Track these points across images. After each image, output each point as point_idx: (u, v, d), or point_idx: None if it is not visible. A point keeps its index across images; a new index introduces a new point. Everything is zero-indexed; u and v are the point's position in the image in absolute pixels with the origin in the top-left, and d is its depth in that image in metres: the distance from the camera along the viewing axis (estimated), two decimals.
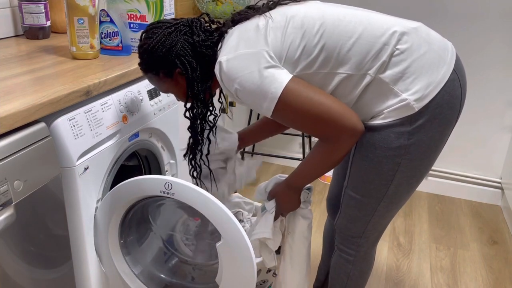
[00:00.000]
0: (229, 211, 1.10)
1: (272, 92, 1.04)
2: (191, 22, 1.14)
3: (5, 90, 1.04)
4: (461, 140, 2.56)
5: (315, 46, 1.06)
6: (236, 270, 1.15)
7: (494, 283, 1.96)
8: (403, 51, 1.06)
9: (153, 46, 1.10)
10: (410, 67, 1.06)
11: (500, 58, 2.37)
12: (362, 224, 1.23)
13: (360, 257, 1.31)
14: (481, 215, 2.50)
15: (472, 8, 2.33)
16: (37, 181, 1.01)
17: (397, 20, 1.13)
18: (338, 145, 1.09)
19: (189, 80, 1.12)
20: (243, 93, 1.06)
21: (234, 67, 1.05)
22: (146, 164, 1.52)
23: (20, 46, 1.49)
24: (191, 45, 1.11)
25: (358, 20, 1.09)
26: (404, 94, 1.06)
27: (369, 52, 1.06)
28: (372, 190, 1.16)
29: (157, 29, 1.12)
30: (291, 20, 1.08)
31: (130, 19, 1.48)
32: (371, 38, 1.06)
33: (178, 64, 1.11)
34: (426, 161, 1.14)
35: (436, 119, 1.08)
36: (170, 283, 1.42)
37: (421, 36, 1.09)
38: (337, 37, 1.06)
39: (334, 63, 1.07)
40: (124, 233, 1.30)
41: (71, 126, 1.09)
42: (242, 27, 1.10)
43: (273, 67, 1.04)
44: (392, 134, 1.09)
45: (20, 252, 1.01)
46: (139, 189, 1.17)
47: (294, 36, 1.06)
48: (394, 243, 2.20)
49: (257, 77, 1.03)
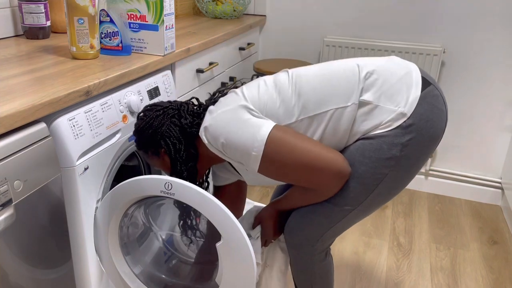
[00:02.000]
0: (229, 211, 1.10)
1: (257, 146, 1.07)
2: (179, 106, 1.22)
3: (5, 90, 1.04)
4: (461, 140, 2.56)
5: (291, 95, 1.12)
6: (236, 270, 1.15)
7: (494, 283, 1.96)
8: (373, 72, 1.13)
9: (142, 127, 1.20)
10: (386, 82, 1.11)
11: (500, 58, 2.37)
12: (322, 229, 1.20)
13: (317, 261, 1.27)
14: (481, 215, 2.50)
15: (472, 8, 2.33)
16: (37, 181, 1.01)
17: (366, 60, 1.20)
18: (328, 191, 1.12)
19: (172, 160, 1.20)
20: (230, 148, 1.10)
21: (216, 125, 1.11)
22: (146, 164, 1.52)
23: (20, 46, 1.49)
24: (178, 127, 1.19)
25: (324, 66, 1.18)
26: (390, 106, 1.09)
27: (346, 85, 1.11)
28: (350, 199, 1.13)
29: (149, 112, 1.21)
30: (264, 81, 1.17)
31: (130, 19, 1.48)
32: (342, 73, 1.13)
33: (163, 144, 1.19)
34: (411, 174, 1.15)
35: (428, 133, 1.11)
36: (170, 283, 1.42)
37: (386, 66, 1.16)
38: (310, 82, 1.13)
39: (314, 105, 1.11)
40: (124, 233, 1.30)
41: (71, 126, 1.09)
42: (223, 99, 1.18)
43: (253, 118, 1.10)
44: (384, 145, 1.09)
45: (20, 252, 1.01)
46: (139, 189, 1.17)
47: (270, 92, 1.14)
48: (394, 243, 2.20)
49: (239, 132, 1.09)
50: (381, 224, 2.36)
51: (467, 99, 2.46)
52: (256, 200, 2.50)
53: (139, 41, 1.50)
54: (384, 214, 2.45)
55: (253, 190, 2.61)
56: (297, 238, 1.24)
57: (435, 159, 2.66)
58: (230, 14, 2.50)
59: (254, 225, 1.33)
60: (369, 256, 2.09)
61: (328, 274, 1.33)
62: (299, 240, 1.24)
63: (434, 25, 2.40)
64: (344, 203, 1.14)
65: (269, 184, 1.25)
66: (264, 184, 1.46)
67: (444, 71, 2.46)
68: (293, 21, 2.63)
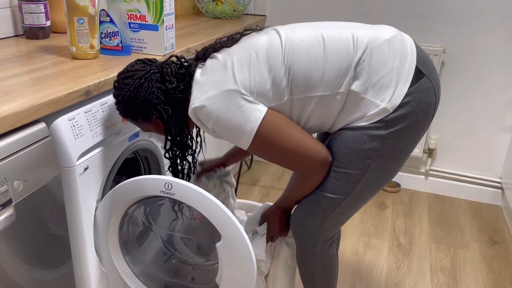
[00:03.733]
0: (229, 211, 1.10)
1: (248, 131, 1.08)
2: (161, 68, 1.16)
3: (5, 90, 1.04)
4: (461, 140, 2.56)
5: (283, 76, 1.10)
6: (236, 270, 1.15)
7: (494, 283, 1.96)
8: (365, 58, 1.10)
9: (127, 98, 1.14)
10: (376, 72, 1.10)
11: (500, 58, 2.37)
12: (319, 219, 1.23)
13: (319, 252, 1.31)
14: (481, 215, 2.50)
15: (472, 8, 2.33)
16: (37, 181, 1.01)
17: (364, 31, 1.15)
18: (312, 177, 1.18)
19: (166, 126, 1.17)
20: (220, 131, 1.11)
21: (208, 109, 1.09)
22: (146, 164, 1.52)
23: (20, 46, 1.49)
24: (164, 92, 1.14)
25: (319, 34, 1.12)
26: (376, 100, 1.10)
27: (337, 71, 1.09)
28: (338, 188, 1.17)
29: (128, 80, 1.13)
30: (256, 54, 1.11)
31: (130, 19, 1.48)
32: (336, 57, 1.10)
33: (154, 112, 1.15)
34: (396, 164, 1.17)
35: (412, 126, 1.12)
36: (170, 283, 1.42)
37: (390, 49, 1.12)
38: (303, 63, 1.10)
39: (305, 88, 1.10)
40: (124, 233, 1.30)
41: (71, 126, 1.09)
42: (209, 68, 1.13)
43: (246, 104, 1.08)
44: (366, 136, 1.12)
45: (20, 252, 1.01)
46: (139, 189, 1.17)
47: (262, 71, 1.10)
48: (394, 243, 2.20)
49: (232, 116, 1.08)
50: (381, 224, 2.36)
51: (467, 99, 2.46)
52: (256, 200, 2.50)
53: (139, 41, 1.50)
54: (384, 214, 2.45)
55: (253, 190, 2.61)
56: (299, 229, 1.28)
57: (435, 159, 2.66)
58: (230, 14, 2.49)
59: (260, 222, 1.36)
60: (369, 256, 2.09)
61: (331, 267, 1.36)
62: (301, 231, 1.28)
63: (434, 25, 2.40)
64: (333, 192, 1.18)
65: None
66: None
67: (444, 71, 2.45)
68: (293, 21, 2.63)
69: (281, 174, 2.83)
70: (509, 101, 2.42)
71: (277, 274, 1.39)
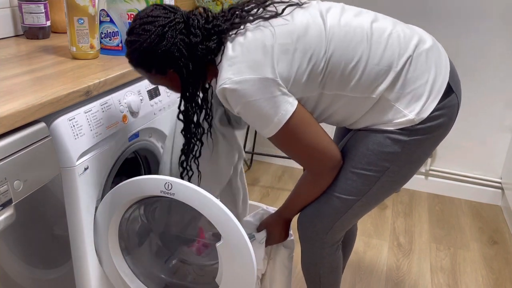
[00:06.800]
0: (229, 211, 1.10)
1: (275, 122, 1.05)
2: (187, 18, 1.05)
3: (5, 90, 1.04)
4: (461, 140, 2.56)
5: (321, 70, 1.05)
6: (236, 270, 1.15)
7: (494, 283, 1.96)
8: (406, 69, 1.08)
9: (146, 47, 1.02)
10: (410, 83, 1.08)
11: (500, 58, 2.37)
12: (331, 221, 1.22)
13: (327, 255, 1.30)
14: (481, 215, 2.50)
15: (472, 8, 2.33)
16: (37, 181, 1.01)
17: (409, 32, 1.11)
18: (323, 177, 1.17)
19: (184, 82, 1.08)
20: (246, 116, 1.07)
21: (239, 92, 1.01)
22: (146, 164, 1.52)
23: (20, 46, 1.49)
24: (188, 46, 1.04)
25: (365, 37, 1.06)
26: (404, 110, 1.09)
27: (375, 76, 1.06)
28: (353, 189, 1.17)
29: (149, 25, 1.02)
30: (298, 41, 1.03)
31: (130, 19, 1.48)
32: (379, 60, 1.06)
33: (172, 66, 1.05)
34: (412, 170, 1.18)
35: (434, 137, 1.13)
36: (170, 283, 1.42)
37: (428, 60, 1.10)
38: (344, 60, 1.05)
39: (338, 86, 1.08)
40: (124, 233, 1.30)
41: (71, 126, 1.09)
42: (245, 45, 1.03)
43: (280, 95, 1.03)
44: (388, 139, 1.11)
45: (20, 252, 1.01)
46: (139, 189, 1.17)
47: (301, 61, 1.03)
48: (394, 243, 2.20)
49: (262, 105, 1.03)
50: (381, 224, 2.36)
51: (467, 99, 2.46)
52: (256, 200, 2.50)
53: None
54: (384, 214, 2.45)
55: (253, 190, 2.61)
56: (308, 231, 1.26)
57: (435, 159, 2.66)
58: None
59: (259, 229, 1.34)
60: (369, 256, 2.09)
61: (337, 269, 1.35)
62: (310, 233, 1.26)
63: (434, 25, 2.39)
64: (348, 193, 1.17)
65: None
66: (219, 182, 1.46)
67: None
68: None
69: (281, 174, 2.83)
70: (509, 101, 2.42)
71: (274, 276, 1.38)
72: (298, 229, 1.29)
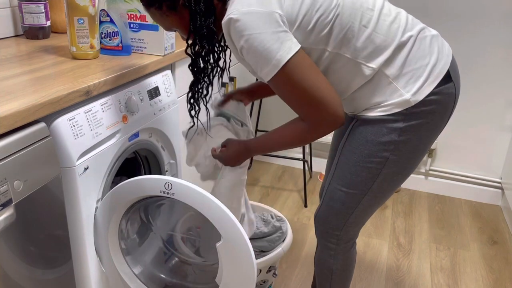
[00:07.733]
0: (229, 211, 1.10)
1: (277, 59, 1.02)
2: None
3: (5, 90, 1.04)
4: (461, 140, 2.56)
5: (328, 22, 1.07)
6: (236, 270, 1.15)
7: (494, 283, 1.96)
8: (409, 47, 1.11)
9: None
10: (411, 62, 1.11)
11: (500, 58, 2.37)
12: (343, 217, 1.26)
13: (341, 251, 1.33)
14: (481, 215, 2.50)
15: (472, 8, 2.33)
16: (37, 181, 1.01)
17: (418, 21, 1.16)
18: (317, 129, 1.10)
19: (192, 13, 1.08)
20: (248, 52, 1.04)
21: (244, 24, 1.01)
22: (146, 164, 1.52)
23: (20, 46, 1.49)
24: None
25: (376, 7, 1.11)
26: (402, 89, 1.10)
27: (378, 45, 1.09)
28: (358, 183, 1.19)
29: None
30: None
31: (130, 19, 1.48)
32: (385, 32, 1.09)
33: None
34: (412, 160, 1.19)
35: (428, 124, 1.14)
36: (170, 283, 1.42)
37: (432, 44, 1.14)
38: (351, 19, 1.08)
39: (341, 45, 1.09)
40: (124, 233, 1.30)
41: (71, 126, 1.09)
42: None
43: (283, 32, 1.03)
44: (384, 128, 1.13)
45: (20, 252, 1.01)
46: (139, 189, 1.17)
47: (310, 7, 1.05)
48: (394, 243, 2.20)
49: (266, 39, 1.01)
50: (381, 224, 2.36)
51: (467, 99, 2.46)
52: (256, 200, 2.50)
53: (139, 41, 1.50)
54: (384, 214, 2.45)
55: (253, 190, 2.61)
56: (324, 226, 1.31)
57: (435, 159, 2.66)
58: None
59: (223, 143, 1.30)
60: (369, 256, 2.09)
61: (350, 268, 1.38)
62: (326, 228, 1.31)
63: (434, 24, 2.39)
64: (354, 187, 1.20)
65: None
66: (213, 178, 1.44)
67: None
68: None
69: (281, 174, 2.83)
70: (509, 101, 2.42)
71: (217, 191, 1.34)
72: (315, 227, 1.34)
